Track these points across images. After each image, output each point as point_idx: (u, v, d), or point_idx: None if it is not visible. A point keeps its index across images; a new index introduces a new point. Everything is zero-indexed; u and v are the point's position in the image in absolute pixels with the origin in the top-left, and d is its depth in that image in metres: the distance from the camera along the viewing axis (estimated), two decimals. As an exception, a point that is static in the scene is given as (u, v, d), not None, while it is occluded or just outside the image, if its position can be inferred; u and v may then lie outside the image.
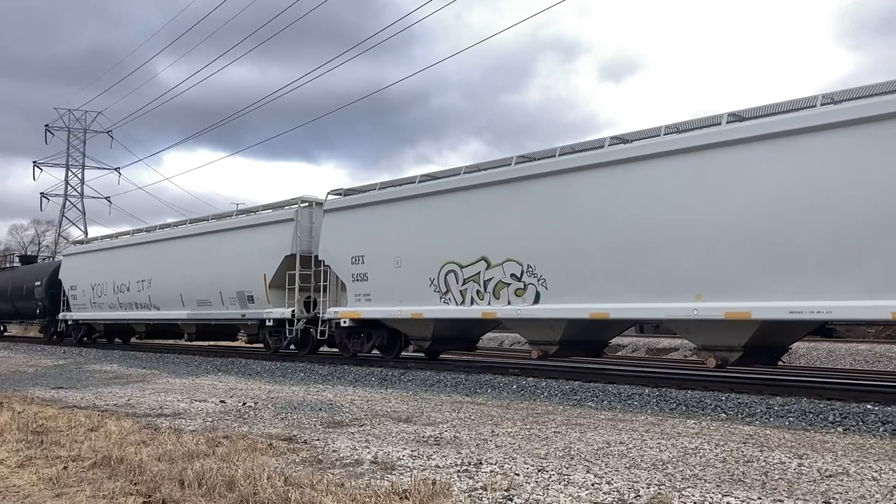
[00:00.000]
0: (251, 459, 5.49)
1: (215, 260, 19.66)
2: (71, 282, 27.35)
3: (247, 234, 18.99)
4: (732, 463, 5.60)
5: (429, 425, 7.59)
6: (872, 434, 7.42)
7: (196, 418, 8.11)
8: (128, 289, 23.66)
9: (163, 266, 21.98)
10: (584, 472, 5.16)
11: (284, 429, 7.28)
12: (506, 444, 6.44)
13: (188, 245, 21.23)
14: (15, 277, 33.52)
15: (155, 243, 22.93)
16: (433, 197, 14.51)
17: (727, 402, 9.26)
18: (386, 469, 5.24)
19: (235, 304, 18.91)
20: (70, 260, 28.22)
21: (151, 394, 10.92)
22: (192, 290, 20.56)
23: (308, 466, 5.34)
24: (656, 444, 6.41)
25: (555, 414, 8.72)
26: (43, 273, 30.53)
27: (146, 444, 6.25)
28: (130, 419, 7.87)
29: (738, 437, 6.97)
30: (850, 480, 4.99)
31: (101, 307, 25.51)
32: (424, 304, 14.43)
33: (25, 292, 31.23)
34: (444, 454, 5.81)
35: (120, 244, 25.12)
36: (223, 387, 12.16)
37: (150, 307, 22.74)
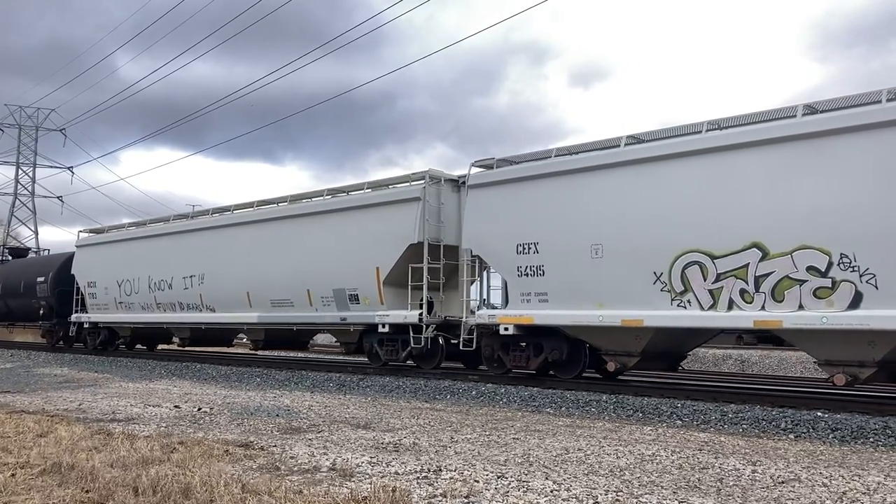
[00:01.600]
0: (207, 466, 5.40)
1: (301, 250, 15.94)
2: (88, 277, 22.97)
3: (351, 218, 15.23)
4: (688, 469, 5.68)
5: (388, 431, 7.56)
6: (823, 441, 7.59)
7: (150, 423, 7.95)
8: (169, 286, 19.55)
9: (222, 258, 17.93)
10: (543, 478, 5.18)
11: (241, 435, 7.18)
12: (465, 450, 6.44)
13: (260, 232, 17.15)
14: (8, 273, 28.59)
15: (211, 231, 18.67)
16: (662, 163, 10.79)
17: (683, 408, 9.39)
18: (344, 476, 5.20)
19: (330, 304, 15.31)
20: (86, 252, 23.48)
21: (104, 398, 10.68)
22: (265, 287, 16.70)
23: (265, 473, 5.28)
24: (614, 451, 6.47)
25: (514, 420, 8.75)
26: (48, 267, 25.77)
27: (98, 450, 6.11)
28: (82, 424, 7.69)
29: (694, 444, 7.07)
30: (802, 487, 5.10)
31: (131, 308, 21.24)
32: (644, 307, 10.78)
33: (23, 290, 26.41)
34: (403, 461, 5.78)
35: (159, 232, 20.73)
36: (178, 391, 11.96)
37: (202, 308, 18.73)
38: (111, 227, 23.65)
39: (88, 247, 23.58)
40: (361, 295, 14.74)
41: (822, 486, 5.11)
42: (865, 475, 5.53)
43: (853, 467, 5.91)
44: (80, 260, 23.66)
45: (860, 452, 6.89)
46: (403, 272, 14.07)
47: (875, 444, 7.38)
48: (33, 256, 31.82)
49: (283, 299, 16.34)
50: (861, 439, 7.58)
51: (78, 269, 23.57)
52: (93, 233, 24.19)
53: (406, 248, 13.98)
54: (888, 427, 7.87)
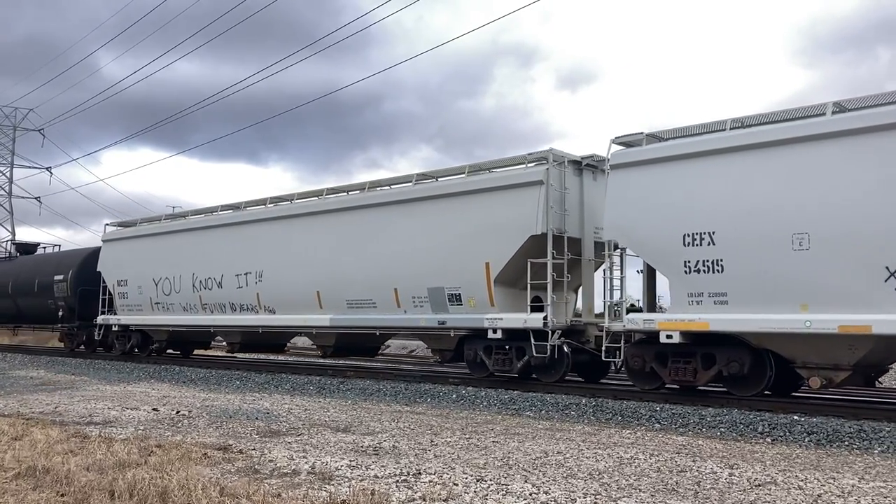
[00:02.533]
0: (185, 469, 5.36)
1: (388, 244, 14.09)
2: (118, 275, 20.62)
3: (451, 207, 13.31)
4: (666, 472, 5.72)
5: (368, 435, 7.54)
6: (799, 444, 7.67)
7: (128, 426, 7.89)
8: (219, 284, 17.35)
9: (285, 253, 15.97)
10: (523, 481, 5.20)
11: (220, 438, 7.13)
12: (445, 453, 6.44)
13: (336, 223, 15.17)
14: (18, 270, 26.02)
15: (271, 222, 16.55)
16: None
17: (661, 412, 9.45)
18: (324, 479, 5.19)
19: (423, 306, 13.46)
20: (115, 247, 21.09)
21: (80, 401, 10.58)
22: (341, 286, 14.75)
23: (244, 476, 5.25)
24: (593, 454, 6.50)
25: (494, 423, 8.77)
26: (68, 264, 23.17)
27: (74, 454, 6.05)
28: (58, 427, 7.61)
29: (672, 447, 7.12)
30: (778, 489, 5.15)
31: (170, 309, 19.05)
32: (869, 310, 9.00)
33: (38, 289, 23.82)
34: (383, 464, 5.78)
35: (206, 224, 18.44)
36: (156, 394, 11.86)
37: (259, 310, 16.55)
38: (144, 220, 21.11)
39: (118, 241, 21.07)
40: (465, 295, 12.86)
41: (798, 489, 5.16)
42: (840, 478, 5.60)
43: (828, 470, 5.98)
44: (107, 256, 21.21)
45: (835, 455, 6.97)
46: (519, 268, 12.25)
47: (850, 448, 7.46)
48: (47, 252, 28.54)
49: (362, 300, 14.39)
50: (836, 442, 7.66)
51: (105, 266, 21.20)
52: (122, 226, 21.78)
53: (525, 241, 12.10)
54: (862, 430, 7.97)
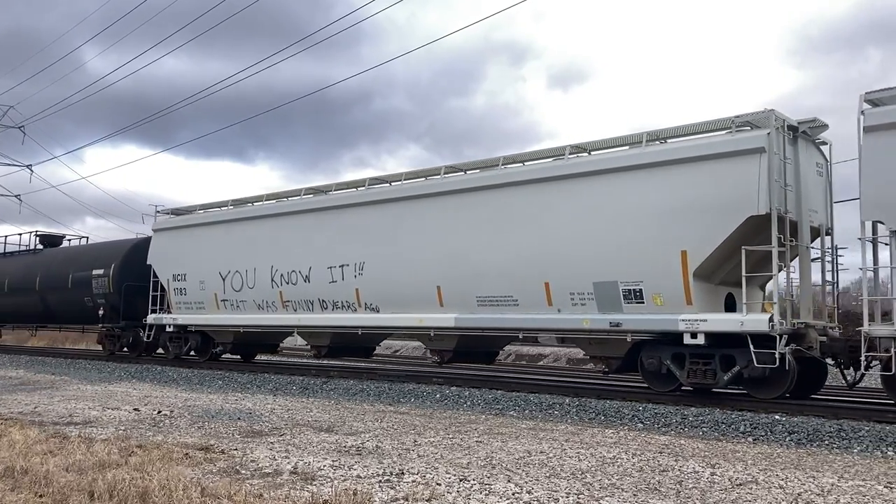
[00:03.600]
0: (166, 469, 5.32)
1: (535, 229, 11.86)
2: (174, 268, 18.27)
3: (627, 182, 11.08)
4: (649, 472, 5.74)
5: (351, 435, 7.52)
6: (780, 444, 7.73)
7: (108, 427, 7.82)
8: (306, 278, 15.19)
9: (394, 242, 13.81)
10: (506, 481, 5.20)
11: (201, 438, 7.09)
12: (428, 453, 6.43)
13: (462, 206, 12.92)
14: (47, 264, 23.29)
15: (375, 206, 14.34)
16: None
17: (644, 412, 9.49)
18: (306, 479, 5.16)
19: (586, 303, 11.30)
20: (169, 237, 18.73)
21: (60, 401, 10.48)
22: (470, 280, 12.56)
23: (226, 476, 5.22)
24: (576, 454, 6.51)
25: (477, 423, 8.77)
26: (109, 256, 20.55)
27: (54, 454, 5.99)
28: (37, 427, 7.53)
29: (655, 447, 7.15)
30: (759, 489, 5.18)
31: (241, 307, 16.67)
32: None
33: (73, 285, 21.17)
34: (365, 464, 5.76)
35: (289, 209, 16.12)
36: (137, 394, 11.77)
37: (358, 308, 14.39)
38: (204, 206, 18.69)
39: (173, 230, 18.72)
40: (648, 291, 10.75)
41: (779, 488, 5.20)
42: (820, 477, 5.64)
43: (808, 469, 6.03)
44: (160, 247, 18.85)
45: (815, 455, 7.03)
46: (722, 258, 10.34)
47: (830, 447, 7.53)
48: (82, 244, 25.40)
49: (500, 297, 12.23)
50: (816, 442, 7.73)
51: (157, 259, 18.83)
52: (176, 213, 19.36)
53: (741, 223, 9.98)
54: (842, 430, 8.04)
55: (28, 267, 24.00)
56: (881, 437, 7.74)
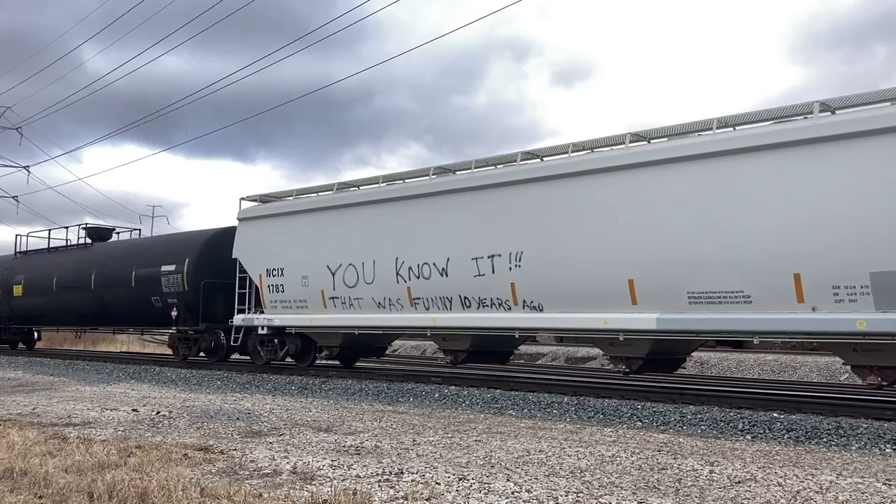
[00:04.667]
0: (165, 470, 5.32)
1: (779, 206, 9.56)
2: (267, 262, 15.89)
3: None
4: (647, 470, 5.74)
5: (350, 434, 7.53)
6: (778, 441, 7.74)
7: (107, 427, 7.82)
8: (443, 272, 12.89)
9: (563, 227, 11.39)
10: (505, 480, 5.20)
11: (200, 438, 7.09)
12: (427, 452, 6.44)
13: (663, 180, 10.48)
14: (103, 260, 21.09)
15: (535, 185, 11.87)
16: None
17: (643, 410, 9.51)
18: (305, 479, 5.16)
19: (856, 300, 9.05)
20: (260, 226, 16.31)
21: (59, 402, 10.47)
22: (678, 271, 10.26)
23: (225, 477, 5.22)
24: (575, 452, 6.52)
25: (476, 422, 8.77)
26: (182, 250, 18.35)
27: (53, 455, 5.99)
28: (36, 429, 7.53)
29: (654, 445, 7.15)
30: (758, 486, 5.19)
31: (355, 306, 14.38)
32: None
33: (136, 283, 19.07)
34: (364, 464, 5.76)
35: (415, 192, 13.68)
36: (136, 395, 11.77)
37: (512, 306, 12.05)
38: (301, 191, 16.35)
39: (264, 219, 16.32)
40: None
41: (777, 486, 5.21)
42: (819, 474, 5.65)
43: (807, 467, 6.04)
44: (248, 238, 16.43)
45: (814, 452, 7.04)
46: None
47: (828, 444, 7.54)
48: (145, 237, 23.37)
49: (724, 292, 9.93)
50: (815, 439, 7.74)
51: (245, 252, 16.43)
52: (265, 199, 16.83)
53: None
54: (840, 427, 8.06)
55: (80, 263, 21.64)
56: (879, 434, 7.75)
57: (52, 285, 22.33)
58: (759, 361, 20.89)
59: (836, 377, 18.35)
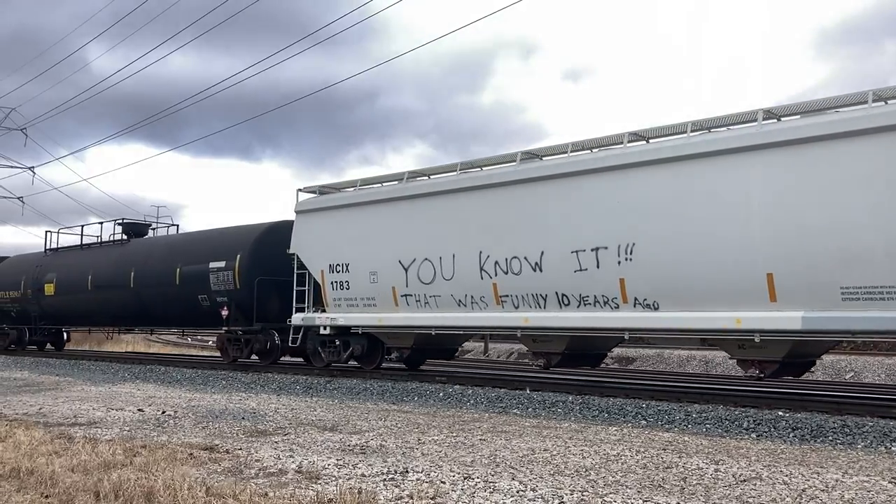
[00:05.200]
0: (171, 469, 5.33)
1: None
2: (330, 257, 14.74)
3: None
4: (653, 469, 5.74)
5: (355, 434, 7.53)
6: (783, 440, 7.73)
7: (113, 427, 7.84)
8: (536, 267, 11.61)
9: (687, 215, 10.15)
10: (510, 479, 5.20)
11: (206, 438, 7.10)
12: (432, 451, 6.44)
13: (815, 160, 9.23)
14: (142, 256, 19.91)
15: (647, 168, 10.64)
16: None
17: (647, 409, 9.50)
18: (311, 478, 5.17)
19: None
20: (320, 219, 15.20)
21: (65, 402, 10.50)
22: (831, 264, 9.06)
23: (230, 476, 5.23)
24: (580, 451, 6.52)
25: (481, 422, 8.78)
26: (233, 245, 17.11)
27: (59, 455, 6.01)
28: (42, 428, 7.55)
29: (658, 444, 7.15)
30: (763, 485, 5.18)
31: (431, 304, 13.15)
32: None
33: (181, 280, 17.88)
34: (370, 463, 5.77)
35: (499, 179, 12.46)
36: (141, 395, 11.80)
37: (620, 304, 10.81)
38: (366, 181, 15.06)
39: (326, 212, 15.17)
40: None
41: (783, 484, 5.20)
42: (824, 473, 5.65)
43: (812, 465, 6.03)
44: (307, 232, 15.33)
45: (819, 451, 7.03)
46: None
47: (833, 443, 7.53)
48: (188, 232, 21.65)
49: (887, 287, 8.68)
50: (820, 438, 7.73)
51: (305, 247, 15.29)
52: (325, 191, 15.58)
53: None
54: (846, 426, 8.04)
55: (118, 261, 20.46)
56: (885, 432, 7.73)
57: (87, 284, 21.10)
58: (764, 360, 20.86)
59: (841, 375, 18.32)
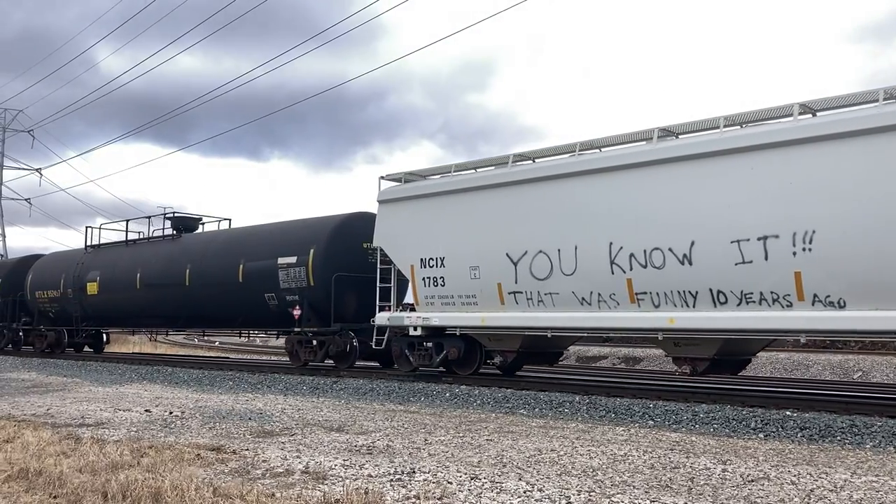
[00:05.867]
0: (178, 470, 5.34)
1: None
2: (421, 250, 13.22)
3: None
4: (660, 469, 5.73)
5: (361, 434, 7.54)
6: (791, 440, 7.70)
7: (120, 428, 7.86)
8: (684, 259, 10.17)
9: (880, 196, 8.74)
10: (517, 479, 5.20)
11: (213, 438, 7.12)
12: (439, 452, 6.44)
13: None
14: (199, 253, 18.28)
15: (832, 142, 9.11)
16: None
17: (655, 409, 9.48)
18: (317, 479, 5.18)
19: None
20: (407, 209, 13.70)
21: (73, 403, 10.53)
22: None
23: (237, 476, 5.24)
24: (587, 451, 6.51)
25: (487, 422, 8.77)
26: (303, 240, 15.61)
27: (67, 456, 6.03)
28: (50, 429, 7.58)
29: (666, 444, 7.13)
30: (771, 485, 5.17)
31: (547, 301, 11.64)
32: None
33: (245, 277, 16.43)
34: (376, 463, 5.77)
35: (635, 159, 10.91)
36: (148, 395, 11.82)
37: (793, 301, 9.37)
38: (460, 166, 13.46)
39: (414, 200, 13.64)
40: None
41: (791, 484, 5.18)
42: (832, 473, 5.62)
43: (821, 465, 6.00)
44: (393, 223, 13.84)
45: (828, 450, 7.00)
46: None
47: (842, 443, 7.50)
48: (247, 226, 19.21)
49: None
50: (829, 438, 7.70)
51: (389, 239, 13.90)
52: (410, 178, 14.05)
53: None
54: (854, 426, 8.00)
55: (170, 257, 19.06)
56: (894, 432, 7.70)
57: (136, 282, 19.63)
58: (772, 359, 20.80)
59: (849, 375, 18.25)
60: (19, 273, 24.92)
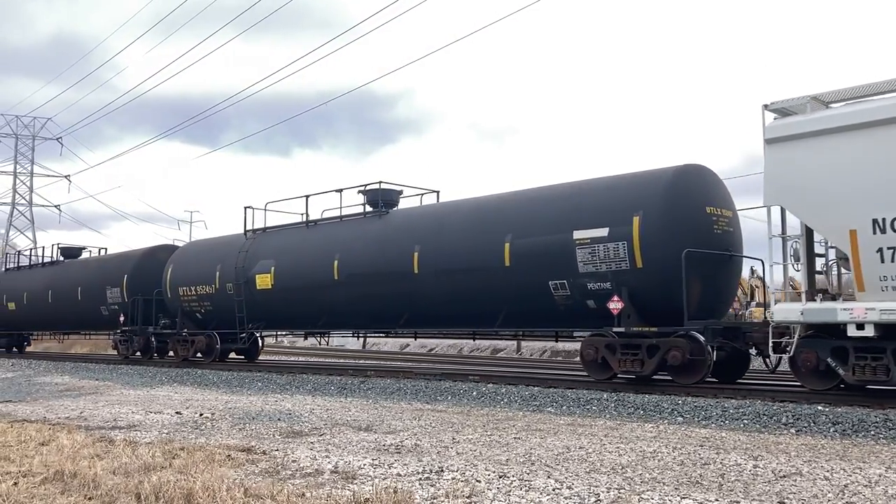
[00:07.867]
0: (209, 471, 5.40)
1: None
2: (866, 208, 8.76)
3: None
4: (690, 465, 5.69)
5: (389, 433, 7.56)
6: (824, 435, 7.60)
7: (152, 430, 7.96)
8: None
9: None
10: (545, 477, 5.19)
11: (243, 439, 7.18)
12: (467, 450, 6.44)
13: None
14: (434, 228, 14.09)
15: None
16: None
17: (684, 405, 9.40)
18: (347, 478, 5.21)
19: None
20: (831, 149, 9.12)
21: (105, 406, 10.68)
22: None
23: (268, 477, 5.28)
24: (615, 449, 6.48)
25: (515, 420, 8.76)
26: (621, 202, 11.45)
27: (100, 458, 6.11)
28: (83, 432, 7.69)
29: (695, 440, 7.08)
30: (804, 480, 5.11)
31: None
32: None
33: (514, 259, 12.38)
34: (405, 462, 5.79)
35: None
36: (179, 398, 11.96)
37: None
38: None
39: (848, 133, 9.03)
40: None
41: (824, 480, 5.12)
42: (867, 468, 5.55)
43: (854, 460, 5.93)
44: (811, 169, 9.32)
45: (861, 445, 6.90)
46: None
47: (876, 437, 7.39)
48: (511, 192, 13.90)
49: None
50: (862, 432, 7.59)
51: (799, 194, 9.43)
52: (816, 106, 9.64)
53: None
54: (889, 420, 7.88)
55: (382, 238, 15.09)
56: (929, 426, 7.57)
57: (332, 272, 15.52)
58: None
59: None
60: (150, 266, 21.03)
